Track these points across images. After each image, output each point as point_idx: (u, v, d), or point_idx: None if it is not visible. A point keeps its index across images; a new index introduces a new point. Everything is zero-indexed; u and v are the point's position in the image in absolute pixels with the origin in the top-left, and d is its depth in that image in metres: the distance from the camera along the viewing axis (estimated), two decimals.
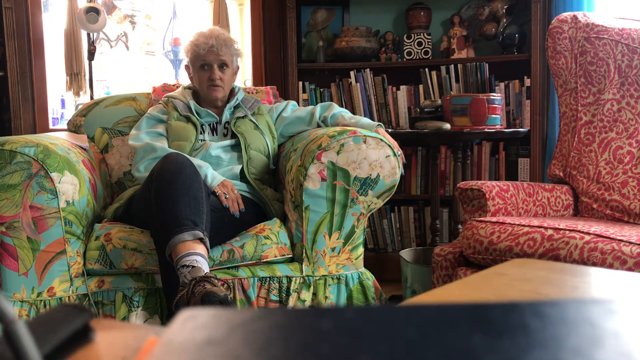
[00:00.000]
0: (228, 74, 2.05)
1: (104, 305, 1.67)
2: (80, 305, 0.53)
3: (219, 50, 2.00)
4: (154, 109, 2.08)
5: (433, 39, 2.86)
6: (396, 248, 2.86)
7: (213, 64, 2.00)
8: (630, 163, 1.96)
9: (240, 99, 2.10)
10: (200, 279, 1.39)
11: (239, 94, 2.12)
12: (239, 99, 2.10)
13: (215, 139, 2.03)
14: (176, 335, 0.34)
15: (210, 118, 2.05)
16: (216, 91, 2.02)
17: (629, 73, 2.03)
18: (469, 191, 1.87)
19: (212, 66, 2.01)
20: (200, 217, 1.54)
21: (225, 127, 2.06)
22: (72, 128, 2.25)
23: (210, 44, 1.99)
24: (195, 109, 2.03)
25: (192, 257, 1.46)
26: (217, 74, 2.01)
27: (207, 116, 2.04)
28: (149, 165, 1.85)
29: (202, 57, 2.00)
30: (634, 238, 1.42)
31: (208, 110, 2.04)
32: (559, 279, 0.85)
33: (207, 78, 2.01)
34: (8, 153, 1.60)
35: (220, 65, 2.02)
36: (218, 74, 2.01)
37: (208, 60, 2.00)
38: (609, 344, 0.31)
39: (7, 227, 1.61)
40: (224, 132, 2.05)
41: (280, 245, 1.78)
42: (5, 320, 0.33)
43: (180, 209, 1.52)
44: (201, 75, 2.03)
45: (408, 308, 0.37)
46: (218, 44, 1.99)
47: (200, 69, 2.02)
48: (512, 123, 2.70)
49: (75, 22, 2.99)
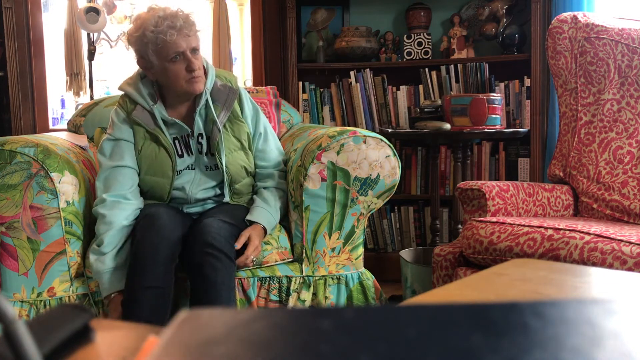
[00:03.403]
0: (200, 59, 1.70)
1: (104, 305, 1.67)
2: (80, 305, 0.53)
3: (189, 31, 1.64)
4: (115, 117, 1.76)
5: (433, 39, 2.86)
6: (396, 248, 2.86)
7: (186, 51, 1.64)
8: (630, 163, 1.96)
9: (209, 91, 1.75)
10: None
11: (209, 81, 1.74)
12: (208, 92, 1.74)
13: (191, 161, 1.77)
14: (176, 335, 0.34)
15: (179, 130, 1.74)
16: (199, 84, 1.69)
17: (629, 73, 2.03)
18: (469, 191, 1.87)
19: (185, 55, 1.64)
20: (164, 319, 1.52)
21: (199, 142, 1.76)
22: (72, 128, 2.25)
23: (178, 26, 1.61)
24: (163, 118, 1.72)
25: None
26: (195, 63, 1.65)
27: (176, 127, 1.74)
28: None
29: (172, 45, 1.61)
30: (634, 238, 1.42)
31: (177, 120, 1.73)
32: (559, 279, 0.85)
33: (185, 70, 1.65)
34: (8, 153, 1.60)
35: (192, 51, 1.66)
36: (196, 62, 1.66)
37: (180, 48, 1.62)
38: (609, 344, 0.31)
39: (7, 227, 1.61)
40: (198, 148, 1.76)
41: (280, 249, 1.78)
42: (5, 320, 0.33)
43: (142, 317, 1.50)
44: (175, 68, 1.64)
45: (408, 308, 0.37)
46: (185, 24, 1.63)
47: (172, 61, 1.64)
48: (512, 123, 2.70)
49: (75, 22, 2.99)
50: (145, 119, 1.73)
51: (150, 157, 1.73)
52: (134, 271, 1.54)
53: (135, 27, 1.66)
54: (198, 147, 1.77)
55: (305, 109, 2.85)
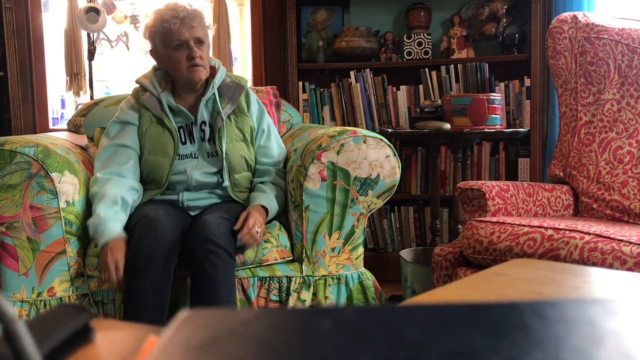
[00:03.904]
0: (206, 52, 1.80)
1: (104, 305, 1.66)
2: (80, 305, 0.53)
3: (192, 22, 1.75)
4: (125, 104, 1.86)
5: (433, 39, 2.86)
6: (396, 248, 2.86)
7: (189, 40, 1.74)
8: (630, 163, 1.96)
9: (218, 85, 1.84)
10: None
11: (217, 77, 1.84)
12: (215, 87, 1.83)
13: (194, 149, 1.82)
14: (176, 335, 0.34)
15: (184, 119, 1.82)
16: (198, 71, 1.77)
17: (629, 73, 2.03)
18: (469, 191, 1.87)
19: (188, 43, 1.74)
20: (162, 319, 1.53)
21: (202, 129, 1.82)
22: (72, 128, 2.25)
23: (182, 16, 1.74)
24: (168, 104, 1.80)
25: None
26: (196, 51, 1.74)
27: (181, 116, 1.81)
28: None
29: (175, 34, 1.73)
30: (634, 238, 1.42)
31: (181, 107, 1.80)
32: (559, 279, 0.85)
33: (186, 58, 1.75)
34: (8, 153, 1.60)
35: (196, 42, 1.76)
36: (197, 51, 1.75)
37: (183, 37, 1.74)
38: (609, 344, 0.31)
39: (7, 227, 1.61)
40: (200, 135, 1.82)
41: (280, 248, 1.78)
42: (5, 320, 0.33)
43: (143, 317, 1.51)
44: (177, 56, 1.75)
45: (408, 308, 0.37)
46: (189, 15, 1.75)
47: (175, 49, 1.75)
48: (512, 123, 2.70)
49: (75, 22, 2.99)
50: (153, 103, 1.81)
51: (154, 137, 1.79)
52: (132, 272, 1.54)
53: (150, 20, 1.81)
54: (201, 135, 1.82)
55: (305, 109, 2.85)
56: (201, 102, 1.81)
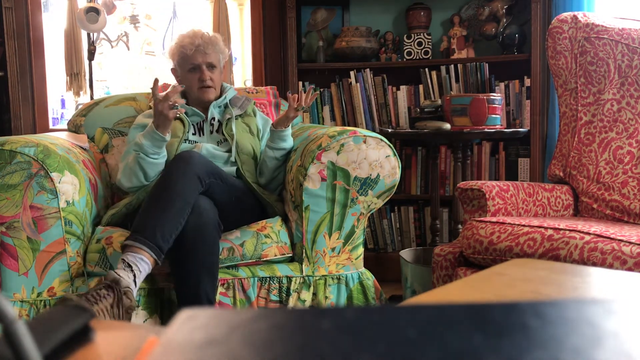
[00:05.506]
0: (217, 74, 2.04)
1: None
2: (80, 306, 0.53)
3: (206, 49, 1.99)
4: (143, 116, 2.06)
5: (433, 39, 2.86)
6: (396, 248, 2.86)
7: (202, 65, 1.99)
8: (630, 163, 1.96)
9: (229, 98, 2.08)
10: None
11: (229, 92, 2.09)
12: (227, 98, 2.07)
13: (203, 139, 2.01)
14: (176, 335, 0.34)
15: (196, 117, 2.02)
16: (208, 92, 2.01)
17: (629, 73, 2.03)
18: (469, 191, 1.87)
19: (200, 67, 1.99)
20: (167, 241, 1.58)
21: (212, 124, 2.03)
22: (72, 128, 2.25)
23: (197, 43, 1.98)
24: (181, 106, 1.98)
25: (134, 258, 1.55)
26: (207, 75, 2.00)
27: (194, 114, 2.01)
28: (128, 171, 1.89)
29: (190, 58, 1.99)
30: (634, 238, 1.42)
31: (194, 108, 2.01)
32: (559, 279, 0.85)
33: (197, 79, 2.00)
34: (8, 153, 1.60)
35: (208, 66, 2.01)
36: (208, 74, 2.00)
37: (196, 61, 1.99)
38: (609, 344, 0.31)
39: (7, 227, 1.61)
40: (210, 129, 2.03)
41: (280, 244, 1.78)
42: (5, 320, 0.33)
43: (155, 223, 1.58)
44: (191, 78, 2.01)
45: (408, 308, 0.37)
46: (204, 43, 1.99)
47: (190, 72, 2.01)
48: (512, 123, 2.70)
49: (75, 22, 2.99)
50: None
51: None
52: (162, 182, 1.66)
53: (173, 43, 2.07)
54: (210, 128, 2.03)
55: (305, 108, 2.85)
56: (212, 104, 2.02)
